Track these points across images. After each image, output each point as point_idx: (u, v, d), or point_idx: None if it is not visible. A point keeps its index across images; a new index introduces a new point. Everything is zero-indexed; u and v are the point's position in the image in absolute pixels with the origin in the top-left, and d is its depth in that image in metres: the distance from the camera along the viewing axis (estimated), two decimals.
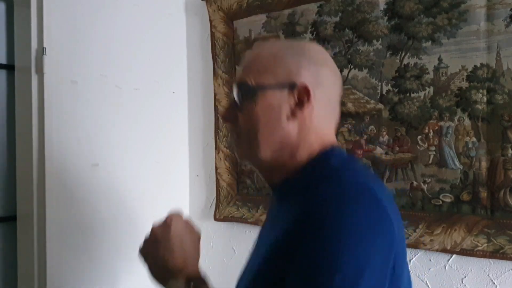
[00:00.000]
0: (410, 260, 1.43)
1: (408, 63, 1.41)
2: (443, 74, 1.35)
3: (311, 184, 0.71)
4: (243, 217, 1.76)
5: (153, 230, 0.88)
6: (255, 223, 1.71)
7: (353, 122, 1.53)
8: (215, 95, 1.85)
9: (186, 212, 1.93)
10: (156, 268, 0.86)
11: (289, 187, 0.78)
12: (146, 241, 0.89)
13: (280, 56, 0.78)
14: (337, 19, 1.55)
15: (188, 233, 0.88)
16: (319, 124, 0.78)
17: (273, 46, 0.83)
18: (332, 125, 0.82)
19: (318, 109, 0.77)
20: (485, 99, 1.28)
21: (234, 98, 0.81)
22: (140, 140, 1.71)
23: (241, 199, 1.78)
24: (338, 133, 1.56)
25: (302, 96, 0.76)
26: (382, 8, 1.46)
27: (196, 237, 0.90)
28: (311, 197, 0.67)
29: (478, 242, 1.30)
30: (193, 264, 0.86)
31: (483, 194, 1.29)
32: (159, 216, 0.91)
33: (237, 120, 0.81)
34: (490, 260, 1.28)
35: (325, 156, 0.77)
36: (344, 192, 0.66)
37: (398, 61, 1.43)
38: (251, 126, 0.78)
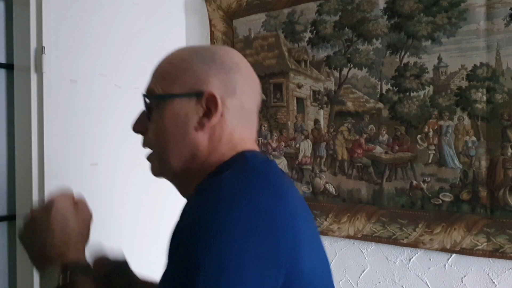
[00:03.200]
0: (410, 260, 1.43)
1: (407, 62, 1.41)
2: (443, 73, 1.35)
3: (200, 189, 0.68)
4: None
5: (32, 212, 0.81)
6: None
7: (353, 121, 1.53)
8: None
9: None
10: (33, 253, 0.79)
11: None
12: (25, 225, 0.81)
13: (188, 63, 0.74)
14: (337, 18, 1.55)
15: (74, 214, 0.80)
16: (232, 133, 0.74)
17: (182, 53, 0.78)
18: (248, 132, 0.77)
19: (229, 117, 0.73)
20: (484, 98, 1.28)
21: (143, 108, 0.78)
22: (139, 139, 1.71)
23: None
24: (337, 132, 1.56)
25: (210, 105, 0.72)
26: (381, 7, 1.46)
27: (86, 218, 0.82)
28: (190, 204, 0.66)
29: (477, 241, 1.30)
30: (76, 249, 0.78)
31: (483, 193, 1.29)
32: (158, 215, 0.91)
33: (147, 131, 0.77)
34: (490, 259, 1.29)
35: (229, 162, 0.72)
36: (223, 195, 0.62)
37: (397, 60, 1.43)
38: (160, 137, 0.75)
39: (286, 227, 0.63)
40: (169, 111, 0.74)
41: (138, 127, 0.80)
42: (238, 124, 0.75)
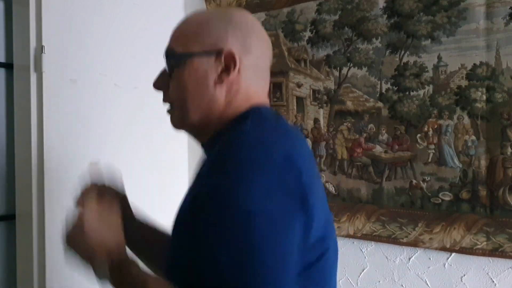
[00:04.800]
0: (409, 259, 1.43)
1: (407, 62, 1.41)
2: (443, 72, 1.35)
3: (225, 138, 0.75)
4: None
5: (68, 236, 0.83)
6: None
7: (353, 120, 1.53)
8: None
9: None
10: (81, 259, 0.82)
11: (212, 142, 0.80)
12: (66, 243, 0.84)
13: (207, 23, 0.80)
14: (337, 17, 1.55)
15: (103, 218, 0.82)
16: (247, 88, 0.80)
17: (201, 15, 0.85)
18: (261, 87, 0.84)
19: (245, 74, 0.80)
20: (484, 97, 1.28)
21: (164, 67, 0.84)
22: (139, 139, 1.71)
23: None
24: (337, 131, 1.56)
25: (228, 62, 0.78)
26: (381, 7, 1.46)
27: (115, 216, 0.84)
28: (218, 150, 0.72)
29: (477, 240, 1.30)
30: (117, 249, 0.80)
31: (483, 192, 1.29)
32: (158, 214, 0.91)
33: (167, 88, 0.83)
34: (490, 258, 1.29)
35: (247, 113, 0.79)
36: (244, 142, 0.71)
37: (397, 59, 1.43)
38: (180, 92, 0.81)
39: (303, 169, 0.71)
40: (189, 68, 0.79)
41: (159, 84, 0.85)
42: (253, 80, 0.82)
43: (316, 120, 1.61)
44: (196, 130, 0.84)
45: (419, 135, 1.39)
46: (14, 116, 1.52)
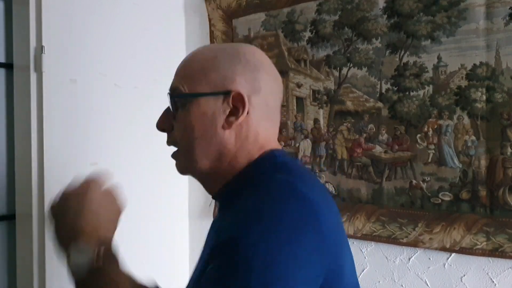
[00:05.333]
0: (409, 259, 1.43)
1: (407, 62, 1.41)
2: (443, 72, 1.35)
3: (244, 188, 0.70)
4: None
5: (66, 194, 0.79)
6: None
7: (352, 120, 1.53)
8: None
9: (185, 210, 1.93)
10: (63, 229, 0.78)
11: (226, 193, 0.76)
12: (58, 202, 0.80)
13: (214, 62, 0.75)
14: (336, 17, 1.55)
15: (105, 204, 0.79)
16: (257, 131, 0.76)
17: (207, 52, 0.79)
18: (272, 129, 0.80)
19: (255, 115, 0.75)
20: (484, 97, 1.28)
21: (168, 106, 0.79)
22: (139, 139, 1.71)
23: None
24: (337, 131, 1.56)
25: (237, 104, 0.73)
26: (381, 7, 1.46)
27: (115, 209, 0.81)
28: (240, 202, 0.66)
29: (477, 240, 1.30)
30: (105, 234, 0.77)
31: (483, 192, 1.29)
32: (158, 214, 0.91)
33: (172, 129, 0.78)
34: (489, 258, 1.29)
35: (262, 161, 0.75)
36: (269, 193, 0.65)
37: (397, 59, 1.43)
38: (186, 136, 0.76)
39: (330, 226, 0.67)
40: (195, 110, 0.74)
41: (163, 125, 0.80)
42: (263, 122, 0.77)
43: (316, 120, 1.61)
44: (204, 176, 0.79)
45: (419, 135, 1.39)
46: (14, 116, 1.52)
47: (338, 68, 1.56)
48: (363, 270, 1.52)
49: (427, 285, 1.40)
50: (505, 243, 1.25)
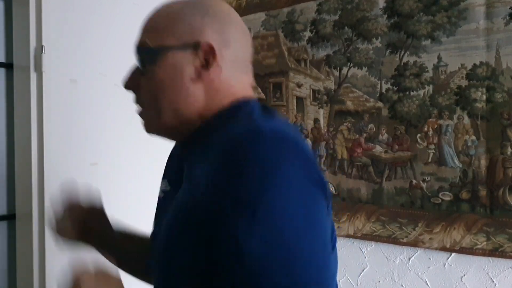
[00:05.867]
0: (409, 259, 1.43)
1: (407, 62, 1.41)
2: (443, 72, 1.35)
3: (228, 127, 0.68)
4: None
5: None
6: None
7: (353, 120, 1.53)
8: None
9: None
10: None
11: (196, 141, 0.73)
12: None
13: (181, 14, 0.73)
14: (337, 17, 1.55)
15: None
16: (229, 83, 0.73)
17: (174, 5, 0.76)
18: (245, 80, 0.76)
19: (226, 67, 0.72)
20: (484, 97, 1.28)
21: (135, 64, 0.76)
22: (139, 139, 1.71)
23: None
24: (337, 131, 1.56)
25: (207, 56, 0.70)
26: (381, 7, 1.46)
27: (113, 283, 0.76)
28: (230, 138, 0.64)
29: (477, 240, 1.30)
30: None
31: (483, 192, 1.29)
32: None
33: (139, 87, 0.76)
34: (489, 258, 1.29)
35: (236, 107, 0.72)
36: (260, 132, 0.63)
37: (397, 59, 1.43)
38: (154, 91, 0.73)
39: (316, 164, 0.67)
40: (163, 64, 0.72)
41: (131, 83, 0.77)
42: (234, 74, 0.74)
43: (316, 120, 1.61)
44: (170, 132, 0.76)
45: (419, 135, 1.39)
46: (14, 116, 1.52)
47: (338, 68, 1.56)
48: (363, 270, 1.52)
49: (427, 285, 1.40)
50: (505, 243, 1.25)
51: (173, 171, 0.85)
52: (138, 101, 0.78)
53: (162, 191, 0.88)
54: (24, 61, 1.46)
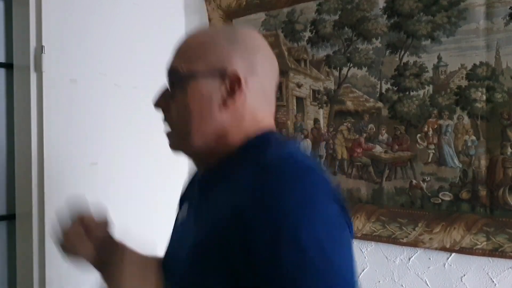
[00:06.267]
0: (409, 259, 1.43)
1: (407, 62, 1.41)
2: (443, 72, 1.35)
3: (249, 157, 0.71)
4: None
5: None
6: None
7: (352, 120, 1.53)
8: None
9: None
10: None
11: (224, 168, 0.75)
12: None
13: (212, 43, 0.76)
14: (337, 17, 1.55)
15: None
16: (253, 111, 0.76)
17: (206, 33, 0.81)
18: (268, 111, 0.80)
19: (251, 97, 0.75)
20: (484, 97, 1.28)
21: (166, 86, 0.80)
22: (138, 139, 1.71)
23: None
24: (337, 131, 1.56)
25: (233, 85, 0.74)
26: (381, 7, 1.46)
27: (102, 231, 0.86)
28: (261, 173, 0.65)
29: (477, 240, 1.30)
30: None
31: (483, 192, 1.29)
32: (158, 214, 0.91)
33: (169, 108, 0.78)
34: (490, 258, 1.29)
35: (263, 137, 0.75)
36: (292, 167, 0.66)
37: (397, 59, 1.43)
38: (183, 115, 0.76)
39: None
40: (193, 90, 0.75)
41: (161, 103, 0.80)
42: (260, 104, 0.77)
43: (316, 120, 1.61)
44: (198, 156, 0.79)
45: (419, 135, 1.39)
46: (14, 116, 1.52)
47: (338, 68, 1.56)
48: (363, 270, 1.52)
49: (427, 285, 1.40)
50: (505, 243, 1.25)
51: (193, 195, 0.86)
52: (167, 120, 0.81)
53: (181, 215, 0.89)
54: (24, 61, 1.46)
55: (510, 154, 1.25)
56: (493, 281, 1.28)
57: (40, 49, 1.44)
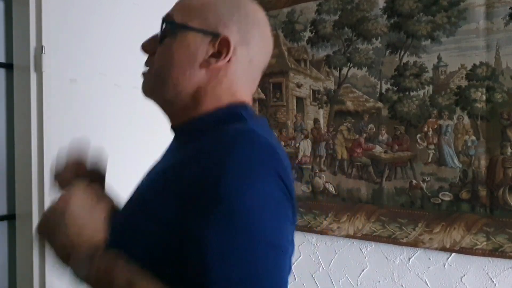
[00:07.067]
0: (409, 259, 1.43)
1: (407, 62, 1.41)
2: (442, 72, 1.35)
3: (215, 127, 0.71)
4: None
5: (47, 214, 0.79)
6: None
7: (352, 120, 1.53)
8: None
9: None
10: (54, 248, 0.79)
11: (190, 129, 0.77)
12: (42, 223, 0.80)
13: (214, 5, 0.77)
14: (336, 17, 1.55)
15: (88, 209, 0.79)
16: (233, 81, 0.76)
17: None
18: (247, 86, 0.80)
19: (235, 66, 0.76)
20: (484, 97, 1.28)
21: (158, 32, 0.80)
22: (139, 139, 1.71)
23: None
24: (337, 131, 1.56)
25: (221, 48, 0.74)
26: (381, 7, 1.46)
27: (101, 207, 0.81)
28: (217, 142, 0.68)
29: (477, 240, 1.30)
30: (96, 238, 0.76)
31: (482, 192, 1.29)
32: None
33: (154, 53, 0.79)
34: (489, 258, 1.29)
35: (233, 108, 0.76)
36: (245, 142, 0.67)
37: (397, 59, 1.43)
38: (165, 61, 0.77)
39: (289, 174, 0.70)
40: (181, 39, 0.76)
41: (148, 46, 0.82)
42: (241, 76, 0.77)
43: (316, 120, 1.61)
44: (166, 104, 0.80)
45: (419, 135, 1.39)
46: (14, 116, 1.52)
47: (338, 68, 1.56)
48: (363, 270, 1.52)
49: (427, 285, 1.40)
50: (505, 243, 1.25)
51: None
52: (148, 63, 0.82)
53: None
54: (24, 61, 1.47)
55: (510, 154, 1.25)
56: (493, 281, 1.28)
57: (40, 49, 1.44)
